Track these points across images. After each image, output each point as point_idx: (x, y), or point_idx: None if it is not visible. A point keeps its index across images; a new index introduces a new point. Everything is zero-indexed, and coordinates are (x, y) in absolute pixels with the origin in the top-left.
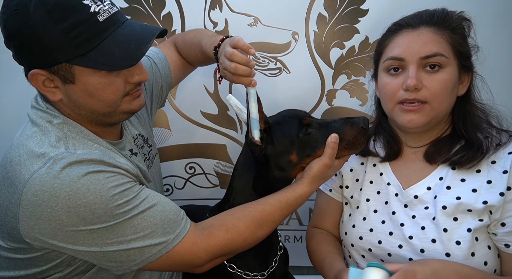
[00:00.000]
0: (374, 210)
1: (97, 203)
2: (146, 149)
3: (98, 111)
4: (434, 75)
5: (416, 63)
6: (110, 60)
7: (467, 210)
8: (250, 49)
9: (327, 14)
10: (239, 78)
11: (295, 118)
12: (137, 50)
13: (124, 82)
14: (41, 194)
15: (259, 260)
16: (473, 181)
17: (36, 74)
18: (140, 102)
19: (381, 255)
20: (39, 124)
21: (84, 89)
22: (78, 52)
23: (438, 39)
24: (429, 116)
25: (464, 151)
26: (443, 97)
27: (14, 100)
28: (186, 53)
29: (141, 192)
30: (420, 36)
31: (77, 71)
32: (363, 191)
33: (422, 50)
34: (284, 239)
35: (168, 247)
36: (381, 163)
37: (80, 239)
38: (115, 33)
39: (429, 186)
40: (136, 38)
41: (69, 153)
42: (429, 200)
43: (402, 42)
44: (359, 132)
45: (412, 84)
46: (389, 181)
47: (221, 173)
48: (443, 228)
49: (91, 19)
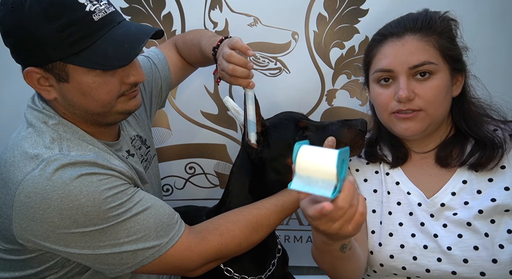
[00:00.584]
0: (399, 223)
1: (89, 205)
2: (144, 150)
3: (92, 111)
4: (426, 83)
5: (406, 73)
6: (104, 59)
7: (504, 211)
8: (248, 50)
9: (327, 14)
10: (237, 80)
11: (291, 121)
12: (130, 50)
13: (120, 83)
14: (34, 196)
15: (256, 264)
16: (502, 179)
17: (31, 72)
18: (136, 103)
19: (418, 272)
20: (34, 125)
21: (78, 88)
22: (72, 51)
23: (425, 47)
24: (426, 123)
25: (479, 151)
26: (438, 103)
27: (11, 100)
28: (186, 54)
29: (135, 194)
30: (406, 46)
31: (71, 70)
32: (384, 203)
33: (410, 60)
34: (284, 239)
35: (161, 250)
36: (394, 171)
37: (73, 242)
38: (110, 33)
39: (453, 191)
40: (131, 38)
41: (63, 155)
42: (457, 206)
43: (388, 53)
44: (357, 135)
45: (404, 95)
46: (409, 190)
47: (221, 173)
48: (484, 232)
49: (86, 18)
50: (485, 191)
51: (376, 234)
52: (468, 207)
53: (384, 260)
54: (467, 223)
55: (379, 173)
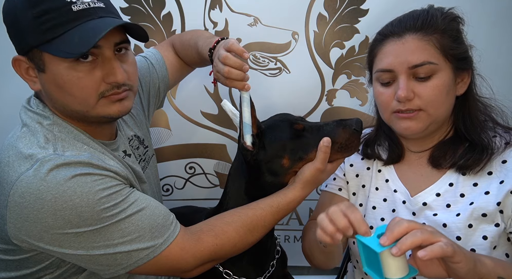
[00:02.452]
0: (381, 218)
1: (83, 206)
2: (142, 150)
3: (70, 107)
4: (426, 83)
5: (405, 73)
6: (67, 47)
7: (481, 215)
8: (244, 53)
9: (327, 14)
10: (232, 82)
11: (286, 123)
12: (91, 38)
13: (97, 81)
14: (28, 196)
15: (255, 265)
16: (486, 184)
17: (18, 59)
18: (121, 108)
19: None
20: (29, 125)
21: (53, 79)
22: (45, 38)
23: (425, 46)
24: (426, 123)
25: (468, 154)
26: (438, 103)
27: (9, 100)
28: (184, 54)
29: (130, 195)
30: (406, 45)
31: (47, 59)
32: (370, 198)
33: (409, 59)
34: (284, 239)
35: (156, 251)
36: (386, 168)
37: (66, 242)
38: (84, 24)
39: (438, 192)
40: (98, 28)
41: (57, 155)
42: (438, 207)
43: (389, 53)
44: (352, 135)
45: (402, 95)
46: (396, 188)
47: (221, 173)
48: (456, 235)
49: (64, 8)
50: (468, 195)
51: None
52: (449, 209)
53: None
54: (443, 224)
55: (371, 170)
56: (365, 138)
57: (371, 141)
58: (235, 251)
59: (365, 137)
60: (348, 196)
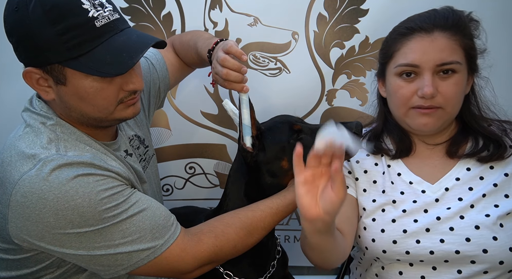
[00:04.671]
0: (403, 210)
1: (85, 206)
2: (142, 150)
3: (89, 115)
4: (448, 80)
5: (431, 70)
6: (100, 66)
7: (504, 196)
8: (242, 55)
9: (327, 14)
10: (231, 84)
11: (286, 124)
12: (128, 59)
13: (118, 89)
14: (30, 196)
15: (255, 266)
16: (504, 168)
17: (30, 72)
18: (135, 110)
19: (421, 255)
20: (32, 125)
21: (75, 92)
22: (70, 55)
23: (453, 46)
24: (443, 120)
25: (493, 149)
26: (456, 101)
27: (10, 100)
28: (183, 55)
29: (132, 196)
30: (435, 43)
31: (69, 74)
32: (387, 193)
33: (437, 57)
34: (284, 239)
35: (157, 252)
36: (395, 163)
37: (67, 242)
38: (110, 40)
39: (458, 176)
40: (130, 47)
41: (59, 155)
42: (461, 191)
43: (416, 48)
44: None
45: (429, 92)
46: (411, 180)
47: (221, 173)
48: (485, 213)
49: (88, 24)
50: (487, 178)
51: (377, 221)
52: (472, 192)
53: (387, 246)
54: (471, 205)
55: (379, 165)
56: (369, 134)
57: (377, 136)
58: (234, 253)
59: (369, 133)
60: (356, 194)
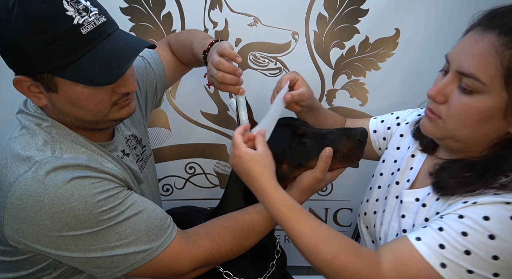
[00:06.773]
0: (385, 197)
1: (81, 209)
2: (139, 150)
3: (83, 118)
4: (463, 97)
5: (454, 74)
6: (90, 75)
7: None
8: (237, 58)
9: (327, 14)
10: (227, 86)
11: (289, 128)
12: (117, 68)
13: (110, 93)
14: (25, 199)
15: (255, 266)
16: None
17: (20, 80)
18: (129, 110)
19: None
20: (27, 127)
21: (67, 98)
22: (58, 65)
23: (489, 58)
24: (441, 133)
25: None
26: (462, 124)
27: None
28: (180, 54)
29: (127, 198)
30: (476, 44)
31: (59, 82)
32: (396, 175)
33: (463, 62)
34: (284, 239)
35: (153, 254)
36: (419, 156)
37: (63, 245)
38: (98, 47)
39: (418, 197)
40: (118, 54)
41: (55, 158)
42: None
43: (460, 43)
44: (355, 145)
45: (429, 93)
46: (409, 178)
47: (221, 173)
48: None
49: (73, 32)
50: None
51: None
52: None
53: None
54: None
55: (409, 150)
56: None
57: None
58: (231, 255)
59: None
60: (378, 144)
